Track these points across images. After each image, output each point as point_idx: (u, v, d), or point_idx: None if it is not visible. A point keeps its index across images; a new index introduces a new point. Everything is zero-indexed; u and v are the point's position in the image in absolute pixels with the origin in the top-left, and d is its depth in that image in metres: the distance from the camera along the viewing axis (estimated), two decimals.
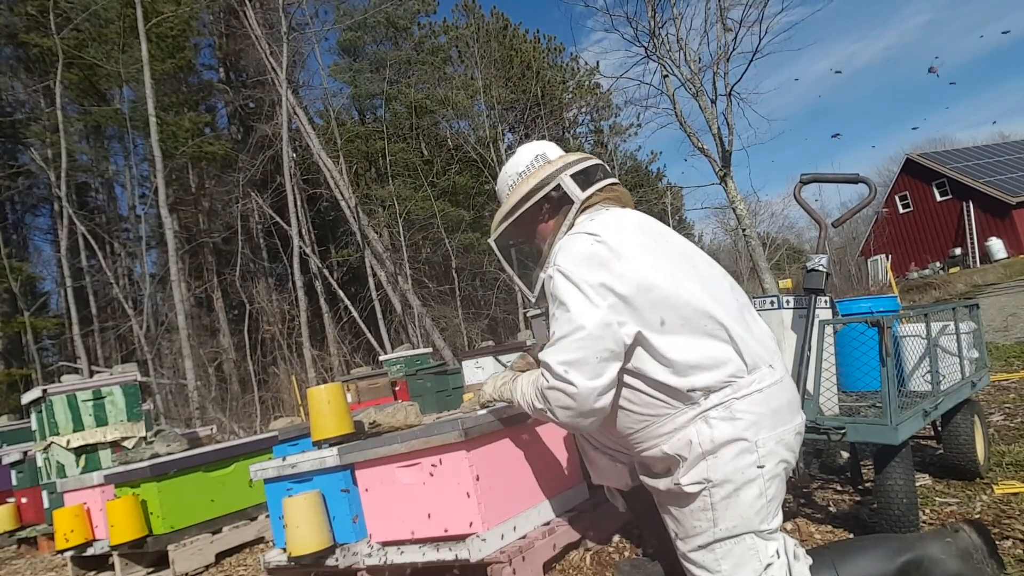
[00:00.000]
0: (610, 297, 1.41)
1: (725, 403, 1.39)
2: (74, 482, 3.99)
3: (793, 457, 1.45)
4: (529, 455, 2.31)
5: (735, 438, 1.38)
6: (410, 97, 21.27)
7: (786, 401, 1.45)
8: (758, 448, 1.38)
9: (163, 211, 13.66)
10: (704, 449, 1.39)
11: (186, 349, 13.19)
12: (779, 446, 1.41)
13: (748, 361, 1.42)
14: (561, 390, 1.43)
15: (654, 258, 1.48)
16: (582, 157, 1.72)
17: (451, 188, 21.15)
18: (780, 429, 1.42)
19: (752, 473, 1.38)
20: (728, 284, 1.56)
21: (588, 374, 1.40)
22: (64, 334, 17.11)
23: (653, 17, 11.72)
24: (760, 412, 1.40)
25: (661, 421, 1.46)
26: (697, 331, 1.41)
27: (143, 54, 13.93)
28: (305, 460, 2.44)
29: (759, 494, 1.39)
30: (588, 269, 1.44)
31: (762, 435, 1.39)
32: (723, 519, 1.40)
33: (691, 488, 1.41)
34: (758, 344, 1.47)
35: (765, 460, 1.39)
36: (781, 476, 1.43)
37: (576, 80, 25.43)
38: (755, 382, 1.41)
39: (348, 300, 17.03)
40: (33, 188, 19.16)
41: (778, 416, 1.42)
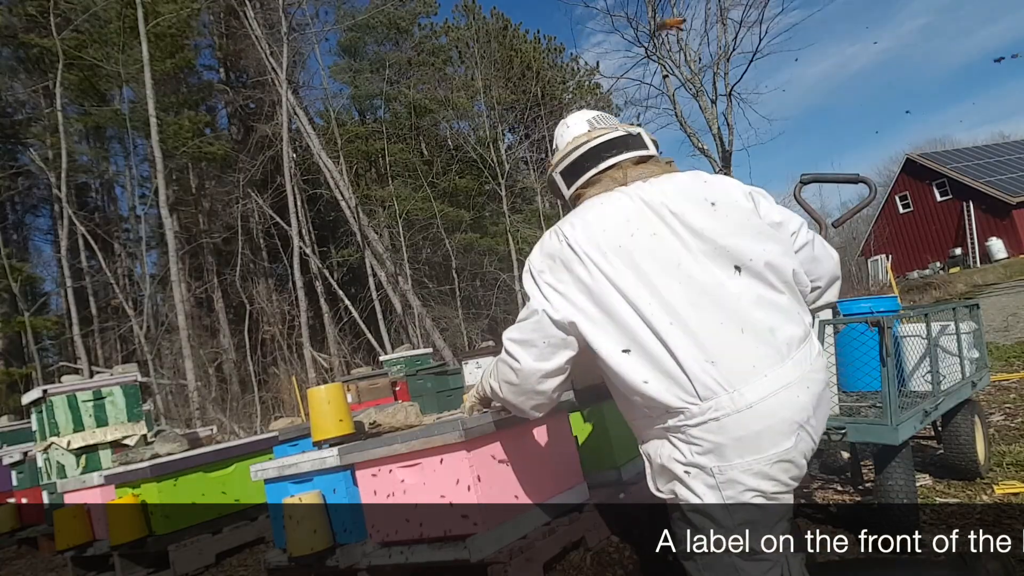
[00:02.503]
0: (563, 297, 1.45)
1: (681, 428, 1.37)
2: (74, 482, 3.99)
3: (774, 485, 1.36)
4: (529, 455, 2.31)
5: (691, 463, 1.37)
6: (410, 97, 21.28)
7: (760, 428, 1.33)
8: (715, 475, 1.35)
9: (163, 211, 13.67)
10: (664, 464, 1.42)
11: (186, 349, 13.20)
12: (745, 475, 1.34)
13: (700, 390, 1.33)
14: (508, 364, 1.53)
15: (615, 267, 1.41)
16: (576, 145, 1.65)
17: (451, 188, 21.16)
18: (749, 458, 1.33)
19: (712, 498, 1.37)
20: (722, 285, 1.39)
21: (534, 355, 1.48)
22: (64, 334, 17.11)
23: (653, 18, 11.73)
24: (717, 441, 1.34)
25: (639, 422, 1.48)
26: (642, 354, 1.38)
27: (143, 54, 13.94)
28: (305, 460, 2.44)
29: (723, 518, 1.37)
30: (549, 268, 1.48)
31: (723, 463, 1.35)
32: (694, 523, 1.41)
33: (663, 496, 1.45)
34: (728, 365, 1.34)
35: (725, 488, 1.35)
36: (757, 505, 1.36)
37: (576, 80, 25.44)
38: (710, 410, 1.33)
39: (348, 300, 17.03)
40: (33, 188, 19.17)
41: (746, 444, 1.33)
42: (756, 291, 1.40)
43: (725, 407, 1.32)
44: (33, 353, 16.64)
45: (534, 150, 23.27)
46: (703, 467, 1.36)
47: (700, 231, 1.41)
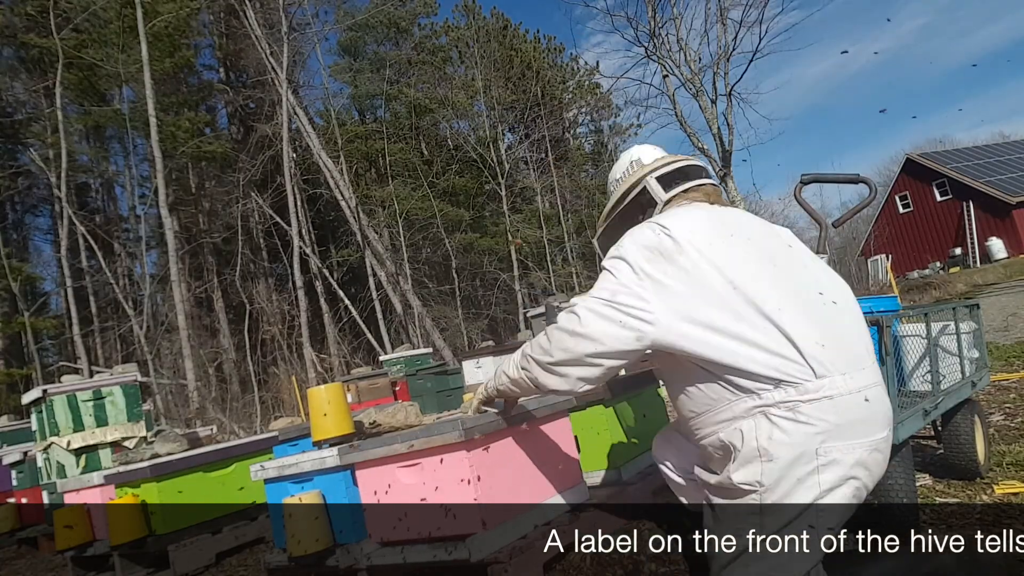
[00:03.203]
0: (660, 288, 1.42)
1: (790, 403, 1.34)
2: (74, 482, 3.99)
3: (866, 475, 1.37)
4: (529, 455, 2.31)
5: (795, 442, 1.33)
6: (410, 97, 21.28)
7: (864, 415, 1.36)
8: (819, 457, 1.33)
9: (163, 211, 13.67)
10: (760, 445, 1.35)
11: (186, 349, 13.20)
12: (847, 457, 1.34)
13: (815, 367, 1.34)
14: (570, 330, 1.45)
15: (720, 254, 1.43)
16: (673, 159, 1.72)
17: (451, 188, 21.16)
18: (851, 441, 1.34)
19: (809, 483, 1.33)
20: (818, 286, 1.47)
21: (606, 324, 1.42)
22: (64, 334, 17.11)
23: (653, 18, 11.74)
24: (829, 420, 1.32)
25: (720, 407, 1.43)
26: (755, 330, 1.37)
27: (143, 54, 13.94)
28: (305, 460, 2.44)
29: (812, 505, 1.34)
30: (646, 258, 1.45)
31: (828, 444, 1.33)
32: (770, 524, 1.36)
33: (743, 486, 1.38)
34: (835, 351, 1.37)
35: (826, 470, 1.33)
36: (846, 492, 1.36)
37: (576, 80, 25.45)
38: (824, 388, 1.33)
39: (348, 300, 17.04)
40: (33, 188, 19.16)
41: (851, 428, 1.34)
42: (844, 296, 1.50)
43: (839, 387, 1.33)
44: (33, 353, 16.64)
45: (534, 150, 23.28)
46: (807, 451, 1.33)
47: (789, 246, 1.55)
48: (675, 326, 1.39)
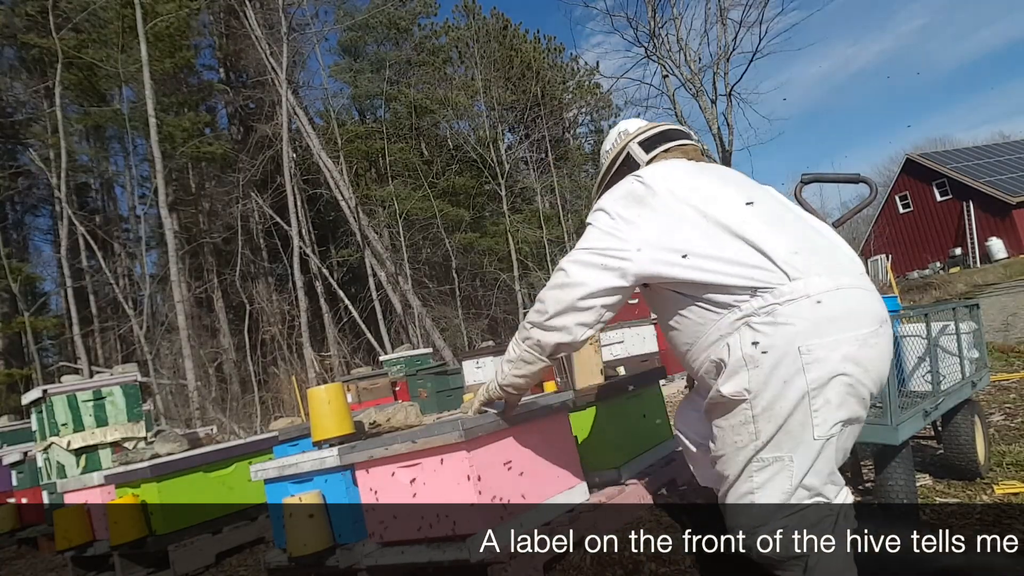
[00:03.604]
0: (635, 229, 1.50)
1: (767, 307, 1.36)
2: (74, 482, 3.99)
3: (859, 371, 1.35)
4: (529, 455, 2.31)
5: (776, 344, 1.35)
6: (410, 97, 21.28)
7: (847, 310, 1.36)
8: (802, 355, 1.33)
9: (163, 211, 13.67)
10: (745, 353, 1.38)
11: (186, 349, 13.20)
12: (832, 354, 1.33)
13: (788, 271, 1.38)
14: (559, 284, 1.54)
15: (690, 190, 1.50)
16: (654, 126, 1.80)
17: (451, 188, 21.16)
18: (835, 337, 1.33)
19: (797, 383, 1.34)
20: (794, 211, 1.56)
21: (590, 273, 1.50)
22: (64, 334, 17.11)
23: (653, 18, 11.74)
24: (808, 318, 1.34)
25: (708, 330, 1.47)
26: (725, 247, 1.42)
27: (143, 55, 13.94)
28: (305, 460, 2.44)
29: (804, 406, 1.34)
30: (623, 205, 1.54)
31: (810, 342, 1.33)
32: (764, 431, 1.38)
33: (732, 396, 1.40)
34: (810, 258, 1.40)
35: (811, 368, 1.33)
36: (838, 389, 1.34)
37: (576, 80, 25.44)
38: (800, 288, 1.36)
39: (348, 300, 17.04)
40: (33, 188, 19.15)
41: (834, 324, 1.34)
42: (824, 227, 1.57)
43: (817, 286, 1.36)
44: (33, 353, 16.64)
45: (534, 150, 23.27)
46: (789, 351, 1.33)
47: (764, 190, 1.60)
48: (651, 256, 1.46)
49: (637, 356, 7.03)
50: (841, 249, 1.52)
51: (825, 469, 1.39)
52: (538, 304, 1.60)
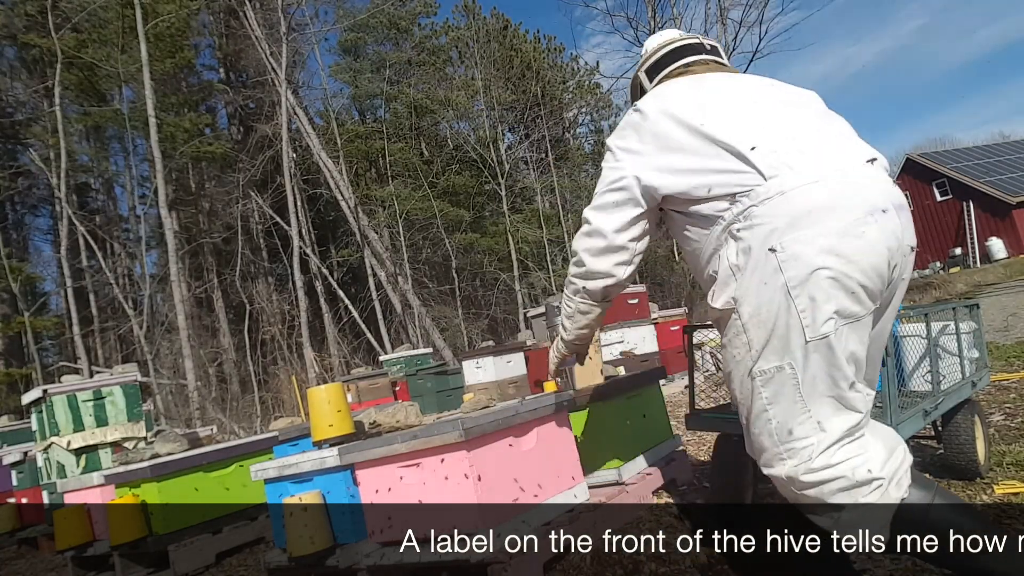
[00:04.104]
0: (630, 154, 1.55)
1: (745, 212, 1.35)
2: (74, 482, 3.99)
3: (843, 263, 1.27)
4: (530, 455, 2.31)
5: (752, 247, 1.33)
6: (410, 97, 21.28)
7: (827, 200, 1.29)
8: (777, 254, 1.29)
9: (163, 211, 13.67)
10: (731, 263, 1.38)
11: (186, 349, 13.20)
12: (807, 248, 1.27)
13: (763, 169, 1.34)
14: (586, 233, 1.61)
15: (679, 108, 1.51)
16: (659, 48, 1.78)
17: (451, 188, 21.16)
18: (810, 230, 1.28)
19: (776, 283, 1.30)
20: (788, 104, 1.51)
21: (608, 213, 1.56)
22: (64, 334, 17.11)
23: (653, 18, 11.74)
24: (782, 214, 1.30)
25: (704, 247, 1.48)
26: (706, 159, 1.42)
27: (142, 55, 13.94)
28: (305, 460, 2.44)
29: (787, 306, 1.29)
30: (621, 137, 1.60)
31: (784, 239, 1.29)
32: (756, 339, 1.34)
33: (723, 308, 1.40)
34: (788, 152, 1.36)
35: (788, 266, 1.28)
36: (820, 285, 1.27)
37: (576, 80, 25.43)
38: (774, 186, 1.32)
39: (348, 300, 17.03)
40: (33, 188, 19.15)
41: (809, 217, 1.28)
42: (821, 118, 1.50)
43: (790, 182, 1.32)
44: (33, 353, 16.64)
45: (534, 150, 23.27)
46: (765, 252, 1.31)
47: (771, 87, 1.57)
48: (647, 177, 1.50)
49: (637, 356, 7.03)
50: (846, 142, 1.44)
51: (835, 376, 1.31)
52: (574, 257, 1.66)
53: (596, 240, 1.59)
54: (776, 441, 1.38)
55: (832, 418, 1.34)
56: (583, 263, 1.63)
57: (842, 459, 1.33)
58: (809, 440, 1.34)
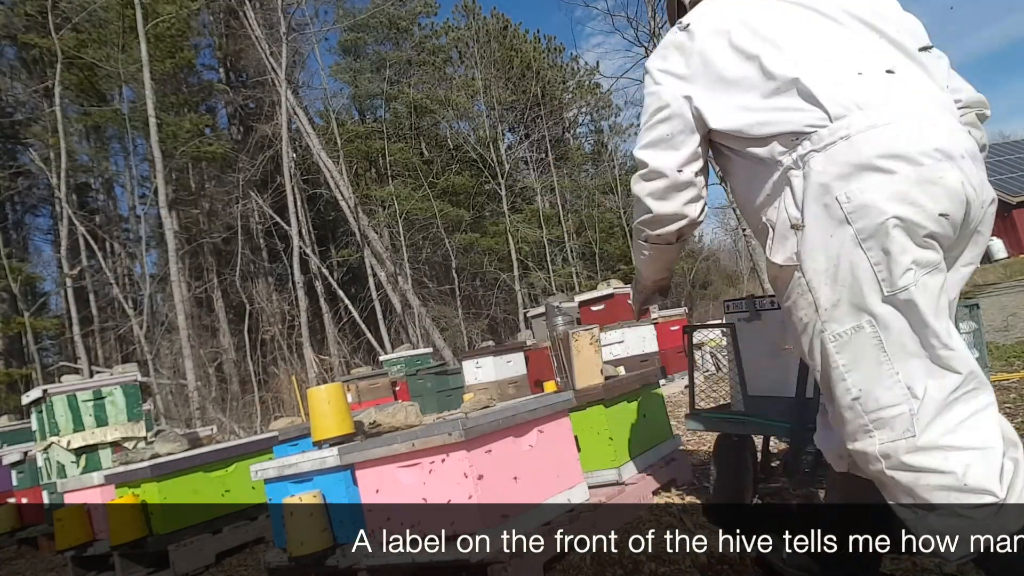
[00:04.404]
0: (676, 78, 1.40)
1: (805, 157, 1.22)
2: (74, 482, 3.99)
3: (916, 211, 1.14)
4: (530, 455, 2.31)
5: (815, 196, 1.20)
6: (410, 97, 21.28)
7: (899, 144, 1.16)
8: (842, 205, 1.17)
9: (163, 211, 13.67)
10: (790, 214, 1.25)
11: (186, 349, 13.20)
12: (875, 196, 1.15)
13: (830, 108, 1.20)
14: (642, 176, 1.46)
15: (732, 22, 1.36)
16: None
17: (451, 188, 21.17)
18: (879, 177, 1.15)
19: (844, 237, 1.17)
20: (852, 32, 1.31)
21: (659, 149, 1.42)
22: (64, 334, 17.11)
23: (653, 18, 11.74)
24: (848, 161, 1.17)
25: (758, 190, 1.35)
26: (763, 95, 1.29)
27: (143, 55, 13.94)
28: (305, 460, 2.44)
29: (858, 260, 1.16)
30: (663, 58, 1.44)
31: (850, 187, 1.17)
32: (825, 298, 1.21)
33: (785, 265, 1.27)
34: (858, 87, 1.22)
35: (856, 217, 1.16)
36: (893, 235, 1.14)
37: (576, 80, 25.45)
38: (841, 129, 1.19)
39: (348, 300, 17.03)
40: (33, 188, 19.15)
41: (878, 162, 1.16)
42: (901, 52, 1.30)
43: (858, 123, 1.19)
44: (33, 353, 16.64)
45: (534, 150, 23.27)
46: (828, 202, 1.18)
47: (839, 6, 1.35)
48: (698, 100, 1.37)
49: (637, 356, 7.03)
50: (925, 78, 1.29)
51: (924, 333, 1.16)
52: (638, 204, 1.51)
53: (657, 181, 1.43)
54: (859, 412, 1.21)
55: (926, 380, 1.16)
56: (648, 209, 1.47)
57: (955, 444, 1.15)
58: (900, 408, 1.17)
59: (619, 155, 25.62)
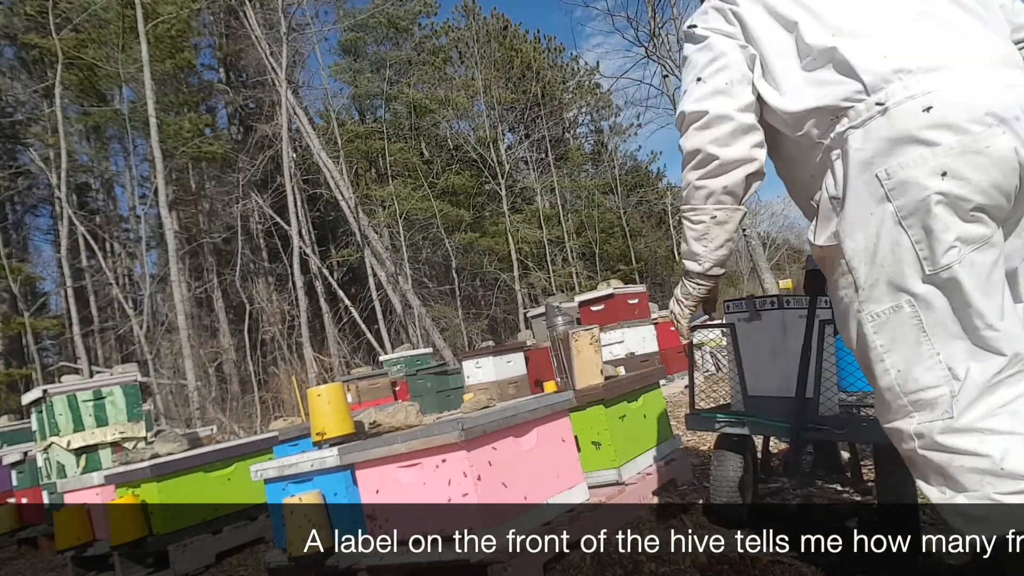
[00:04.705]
0: (724, 35, 1.35)
1: (843, 134, 1.18)
2: (74, 482, 3.99)
3: (961, 185, 1.08)
4: (530, 455, 2.31)
5: (853, 174, 1.16)
6: (410, 97, 21.29)
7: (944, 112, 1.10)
8: (883, 182, 1.13)
9: (163, 211, 13.67)
10: (830, 194, 1.22)
11: (186, 349, 13.20)
12: (917, 171, 1.10)
13: (867, 80, 1.15)
14: (701, 125, 1.34)
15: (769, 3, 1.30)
16: None
17: (451, 188, 21.17)
18: (921, 151, 1.10)
19: (883, 214, 1.13)
20: None
21: (723, 95, 1.33)
22: (64, 334, 17.11)
23: (653, 18, 11.75)
24: (885, 137, 1.13)
25: (801, 168, 1.32)
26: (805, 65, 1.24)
27: (143, 55, 13.94)
28: (305, 460, 2.44)
29: (898, 238, 1.13)
30: (704, 19, 1.39)
31: (890, 163, 1.12)
32: (863, 277, 1.18)
33: (823, 245, 1.24)
34: (902, 57, 1.15)
35: (896, 194, 1.12)
36: (935, 212, 1.09)
37: (576, 80, 25.45)
38: (877, 103, 1.14)
39: (348, 300, 17.04)
40: (33, 188, 19.15)
41: (921, 134, 1.11)
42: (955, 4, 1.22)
43: (896, 95, 1.13)
44: (33, 353, 16.64)
45: (534, 150, 23.28)
46: (868, 179, 1.14)
47: None
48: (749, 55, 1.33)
49: (637, 356, 7.03)
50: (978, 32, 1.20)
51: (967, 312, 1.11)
52: (698, 157, 1.36)
53: (722, 125, 1.32)
54: (898, 393, 1.19)
55: (968, 362, 1.12)
56: (713, 157, 1.34)
57: (995, 427, 1.10)
58: (940, 390, 1.14)
59: (619, 155, 25.65)
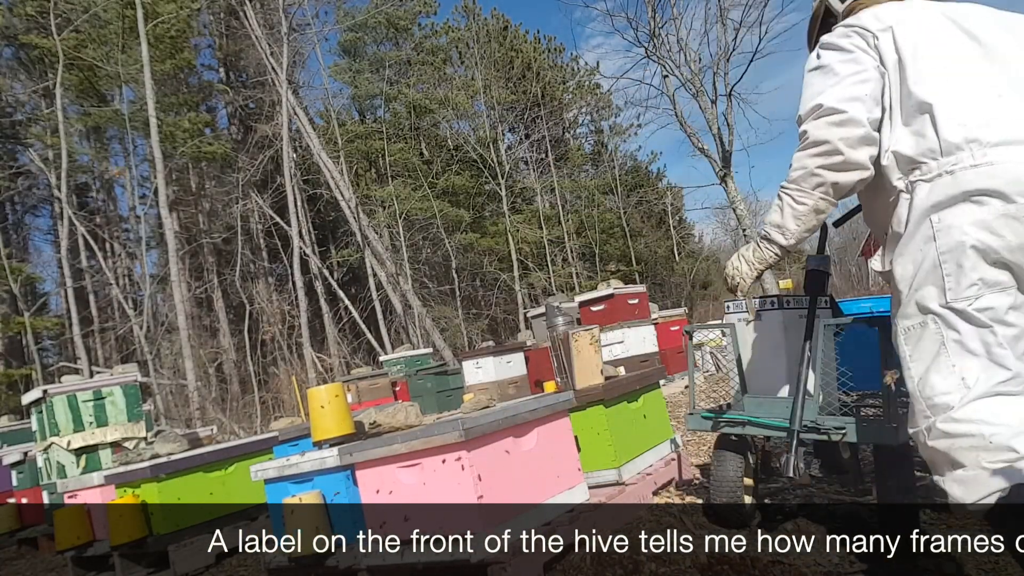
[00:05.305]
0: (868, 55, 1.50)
1: (914, 182, 1.40)
2: (74, 483, 3.99)
3: (995, 240, 1.29)
4: (529, 455, 2.31)
5: (914, 217, 1.39)
6: (410, 97, 21.28)
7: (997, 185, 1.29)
8: (934, 225, 1.35)
9: (163, 211, 13.66)
10: (894, 230, 1.45)
11: (186, 349, 13.20)
12: (961, 220, 1.32)
13: (944, 145, 1.36)
14: (837, 122, 1.46)
15: (898, 43, 1.46)
16: None
17: (451, 188, 21.16)
18: (970, 208, 1.32)
19: (928, 250, 1.36)
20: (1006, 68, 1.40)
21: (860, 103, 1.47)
22: (64, 334, 17.10)
23: (653, 18, 11.75)
24: (947, 194, 1.34)
25: (878, 203, 1.53)
26: (907, 116, 1.43)
27: (143, 55, 13.94)
28: (305, 460, 2.44)
29: (934, 269, 1.35)
30: (847, 37, 1.53)
31: (942, 212, 1.34)
32: (902, 296, 1.42)
33: (880, 271, 1.50)
34: (981, 129, 1.33)
35: (941, 236, 1.34)
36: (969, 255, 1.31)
37: (576, 80, 25.44)
38: (948, 164, 1.35)
39: (348, 300, 17.03)
40: (33, 188, 19.14)
41: (972, 196, 1.32)
42: None
43: (963, 162, 1.34)
44: (33, 353, 16.63)
45: (534, 150, 23.27)
46: (924, 224, 1.37)
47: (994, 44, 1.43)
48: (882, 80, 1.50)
49: (637, 356, 7.03)
50: None
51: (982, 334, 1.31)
52: (821, 147, 1.48)
53: (854, 128, 1.45)
54: (918, 398, 1.40)
55: (978, 374, 1.32)
56: (839, 152, 1.47)
57: (986, 417, 1.30)
58: (952, 396, 1.34)
59: (619, 155, 25.63)
